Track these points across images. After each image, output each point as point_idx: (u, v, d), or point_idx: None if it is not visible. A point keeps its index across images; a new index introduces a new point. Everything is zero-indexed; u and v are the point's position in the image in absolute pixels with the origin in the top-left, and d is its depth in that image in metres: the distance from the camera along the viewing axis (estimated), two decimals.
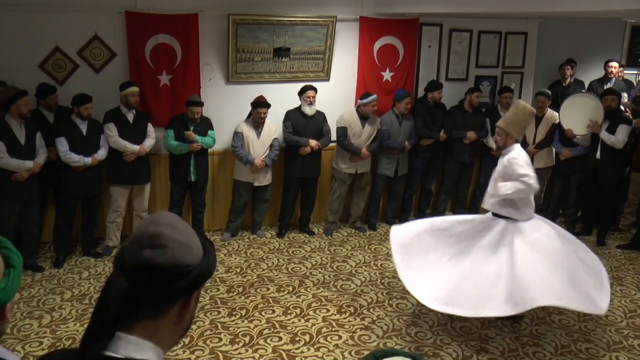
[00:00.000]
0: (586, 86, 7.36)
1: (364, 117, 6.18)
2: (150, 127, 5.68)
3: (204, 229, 6.19)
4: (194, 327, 4.31)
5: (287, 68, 6.24)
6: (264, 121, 5.90)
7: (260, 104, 5.82)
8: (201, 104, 5.73)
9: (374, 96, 6.14)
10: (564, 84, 7.23)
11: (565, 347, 4.12)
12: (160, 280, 1.12)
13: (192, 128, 5.71)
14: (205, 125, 5.83)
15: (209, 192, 6.23)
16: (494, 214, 4.25)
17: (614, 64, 7.27)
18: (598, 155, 6.00)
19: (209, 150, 5.94)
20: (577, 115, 6.04)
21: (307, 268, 5.48)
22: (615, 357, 4.02)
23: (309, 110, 5.99)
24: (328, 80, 6.45)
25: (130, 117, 5.55)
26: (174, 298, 1.15)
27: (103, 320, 1.11)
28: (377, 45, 6.53)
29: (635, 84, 7.42)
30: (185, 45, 5.81)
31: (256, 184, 6.01)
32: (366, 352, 3.94)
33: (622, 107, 6.33)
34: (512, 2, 5.57)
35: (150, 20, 5.65)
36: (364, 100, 6.12)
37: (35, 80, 5.38)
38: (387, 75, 6.63)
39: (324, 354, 3.99)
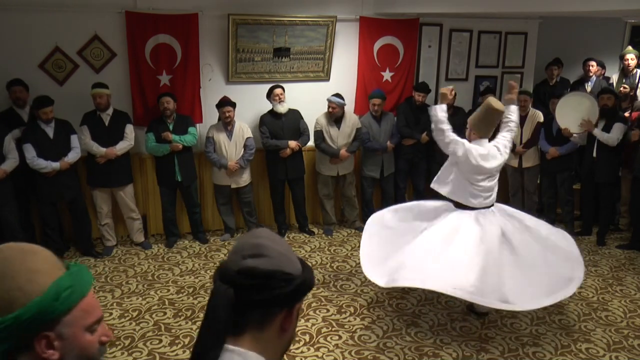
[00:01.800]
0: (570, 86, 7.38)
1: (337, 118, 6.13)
2: (128, 129, 5.57)
3: (204, 229, 6.19)
4: (193, 327, 4.31)
5: (287, 68, 6.24)
6: (231, 120, 5.80)
7: (223, 103, 5.74)
8: (172, 95, 5.65)
9: (335, 99, 5.96)
10: (550, 84, 7.28)
11: (565, 347, 4.11)
12: (264, 286, 1.15)
13: (171, 126, 5.65)
14: (184, 123, 5.73)
15: (208, 193, 6.22)
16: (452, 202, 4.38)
17: (593, 63, 7.27)
18: (594, 154, 6.02)
19: (205, 149, 5.89)
20: (572, 114, 6.05)
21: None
22: (615, 357, 4.02)
23: (280, 108, 5.93)
24: (328, 80, 6.45)
25: (106, 118, 5.47)
26: (277, 307, 1.18)
27: (212, 332, 1.14)
28: (377, 45, 6.53)
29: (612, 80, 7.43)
30: (185, 45, 5.81)
31: (234, 185, 5.94)
32: (366, 352, 3.96)
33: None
34: (512, 2, 5.57)
35: (150, 20, 5.65)
36: (329, 98, 6.04)
37: (35, 80, 5.39)
38: (387, 75, 6.63)
39: (324, 354, 3.99)
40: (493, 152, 4.19)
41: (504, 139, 4.27)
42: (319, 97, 6.24)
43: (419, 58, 6.82)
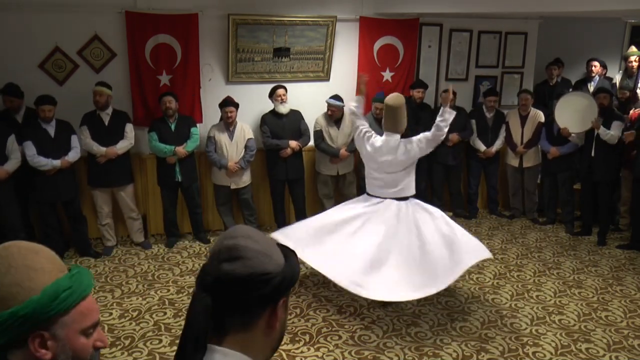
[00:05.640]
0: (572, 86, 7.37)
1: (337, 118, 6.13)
2: (128, 128, 5.56)
3: (204, 229, 6.19)
4: None
5: (287, 68, 6.24)
6: (233, 121, 5.78)
7: (226, 103, 5.72)
8: (173, 94, 5.64)
9: (334, 102, 6.00)
10: (550, 84, 7.27)
11: (565, 347, 4.12)
12: (241, 291, 1.13)
13: (173, 127, 5.63)
14: (186, 124, 5.71)
15: (209, 192, 6.22)
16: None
17: (596, 63, 7.26)
18: (592, 153, 6.02)
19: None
20: (571, 114, 6.07)
21: (307, 268, 5.47)
22: (615, 357, 4.02)
23: (282, 109, 5.93)
24: (328, 80, 6.45)
25: (105, 118, 5.46)
26: (259, 307, 1.15)
27: (193, 337, 1.12)
28: (377, 45, 6.53)
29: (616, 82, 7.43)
30: (185, 45, 5.81)
31: (233, 186, 5.93)
32: (366, 352, 3.96)
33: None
34: (512, 2, 5.57)
35: (150, 20, 5.65)
36: (327, 101, 6.06)
37: (35, 80, 5.39)
38: (387, 75, 6.63)
39: (324, 354, 3.99)
40: (389, 147, 4.46)
41: (418, 137, 4.49)
42: (319, 97, 6.24)
43: (419, 58, 6.82)
